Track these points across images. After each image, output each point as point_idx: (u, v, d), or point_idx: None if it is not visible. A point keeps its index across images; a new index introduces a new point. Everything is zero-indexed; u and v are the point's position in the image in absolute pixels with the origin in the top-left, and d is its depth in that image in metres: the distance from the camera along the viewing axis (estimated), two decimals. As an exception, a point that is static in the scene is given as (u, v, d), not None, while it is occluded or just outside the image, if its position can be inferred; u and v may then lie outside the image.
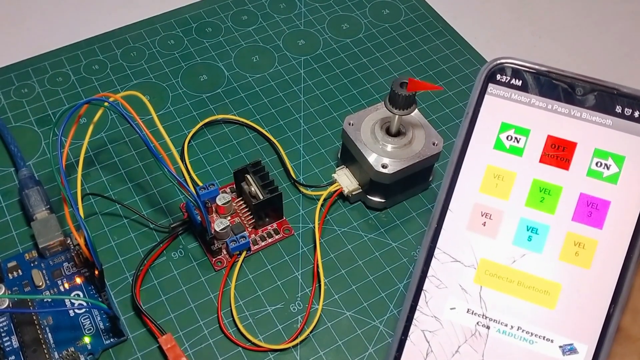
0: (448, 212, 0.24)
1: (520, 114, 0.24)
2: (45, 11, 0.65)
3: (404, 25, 0.65)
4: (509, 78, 0.24)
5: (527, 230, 0.24)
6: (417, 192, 0.52)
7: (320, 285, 0.46)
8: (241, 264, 0.47)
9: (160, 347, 0.42)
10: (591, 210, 0.23)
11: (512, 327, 0.23)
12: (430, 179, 0.52)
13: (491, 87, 0.24)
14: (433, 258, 0.24)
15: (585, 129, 0.24)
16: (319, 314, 0.45)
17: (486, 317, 0.23)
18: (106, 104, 0.42)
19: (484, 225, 0.24)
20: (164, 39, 0.62)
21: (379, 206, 0.50)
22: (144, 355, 0.43)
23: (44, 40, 0.62)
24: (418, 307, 0.24)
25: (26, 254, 0.46)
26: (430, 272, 0.24)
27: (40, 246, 0.45)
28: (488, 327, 0.23)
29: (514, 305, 0.23)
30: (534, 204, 0.24)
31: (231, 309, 0.45)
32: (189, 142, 0.54)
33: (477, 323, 0.23)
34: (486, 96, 0.24)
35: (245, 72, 0.60)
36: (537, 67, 0.24)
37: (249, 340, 0.43)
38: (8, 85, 0.58)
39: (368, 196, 0.50)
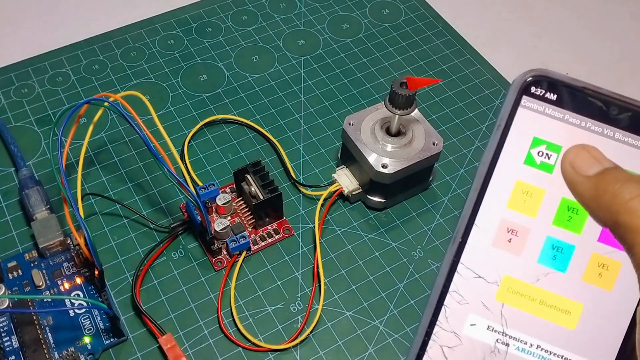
0: (474, 226, 0.24)
1: (553, 129, 0.23)
2: (45, 11, 0.65)
3: (404, 25, 0.65)
4: (543, 91, 0.23)
5: (553, 249, 0.23)
6: (417, 192, 0.52)
7: (320, 285, 0.46)
8: (241, 264, 0.47)
9: (160, 347, 0.42)
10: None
11: (531, 345, 0.23)
12: (430, 179, 0.52)
13: (525, 99, 0.24)
14: (456, 273, 0.23)
15: (618, 149, 0.23)
16: (319, 314, 0.45)
17: (506, 335, 0.23)
18: (106, 104, 0.42)
19: (510, 241, 0.24)
20: (164, 39, 0.62)
21: (379, 206, 0.50)
22: (144, 355, 0.43)
23: (44, 40, 0.62)
24: (438, 322, 0.23)
25: (26, 254, 0.46)
26: (452, 287, 0.23)
27: (40, 246, 0.45)
28: (507, 345, 0.23)
29: (535, 324, 0.23)
30: (561, 222, 0.23)
31: (231, 309, 0.45)
32: (189, 142, 0.54)
33: (497, 340, 0.23)
34: (519, 109, 0.24)
35: (245, 72, 0.60)
36: (573, 82, 0.23)
37: (249, 340, 0.43)
38: (8, 85, 0.58)
39: (368, 196, 0.50)
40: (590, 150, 0.22)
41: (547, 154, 0.24)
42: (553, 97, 0.23)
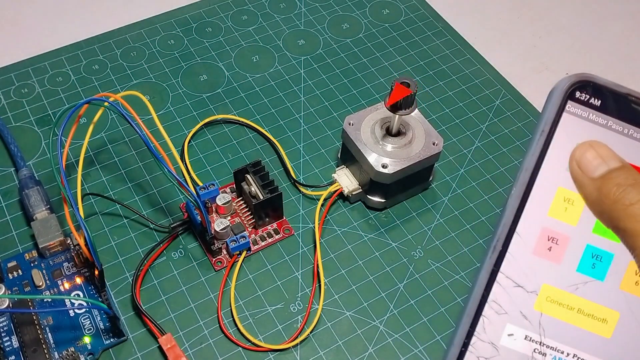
0: (515, 235, 0.23)
1: (596, 136, 0.23)
2: (45, 11, 0.65)
3: (404, 25, 0.65)
4: (589, 97, 0.23)
5: (592, 257, 0.23)
6: (417, 192, 0.52)
7: (320, 285, 0.46)
8: (241, 264, 0.47)
9: (160, 347, 0.42)
10: None
11: (567, 354, 0.23)
12: (430, 179, 0.52)
13: (570, 104, 0.23)
14: (495, 283, 0.23)
15: None
16: (319, 314, 0.45)
17: (543, 345, 0.23)
18: (106, 104, 0.42)
19: (550, 250, 0.23)
20: (164, 39, 0.62)
21: (379, 206, 0.50)
22: (144, 355, 0.43)
23: (44, 40, 0.62)
24: (475, 333, 0.23)
25: (26, 254, 0.46)
26: (490, 297, 0.23)
27: (40, 246, 0.45)
28: (544, 355, 0.23)
29: (572, 333, 0.23)
30: (601, 230, 0.23)
31: (231, 309, 0.45)
32: (189, 142, 0.54)
33: (534, 350, 0.23)
34: (564, 114, 0.23)
35: (245, 72, 0.60)
36: (617, 88, 0.23)
37: (249, 340, 0.43)
38: (8, 85, 0.58)
39: (368, 196, 0.50)
40: (598, 148, 0.22)
41: None
42: (597, 102, 0.23)
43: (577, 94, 0.23)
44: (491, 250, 0.23)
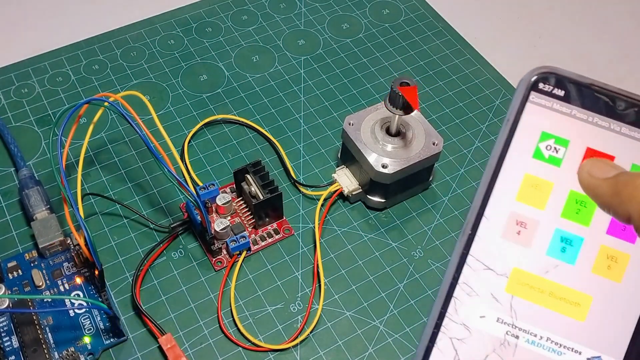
0: (483, 219, 0.24)
1: (561, 124, 0.24)
2: (45, 11, 0.65)
3: (404, 25, 0.65)
4: (552, 87, 0.24)
5: (562, 241, 0.24)
6: (417, 192, 0.52)
7: (320, 285, 0.46)
8: (241, 264, 0.47)
9: (160, 347, 0.42)
10: (625, 225, 0.23)
11: (541, 337, 0.23)
12: (430, 179, 0.52)
13: (533, 95, 0.24)
14: (465, 265, 0.24)
15: (624, 143, 0.24)
16: (319, 314, 0.45)
17: (516, 327, 0.23)
18: (106, 104, 0.42)
19: (519, 234, 0.24)
20: (164, 39, 0.62)
21: (379, 206, 0.50)
22: (144, 355, 0.43)
23: (44, 40, 0.62)
24: (447, 314, 0.23)
25: (26, 254, 0.46)
26: (461, 279, 0.24)
27: (40, 246, 0.45)
28: (517, 337, 0.23)
29: (544, 316, 0.24)
30: (570, 215, 0.24)
31: (231, 309, 0.45)
32: (189, 142, 0.54)
33: (507, 332, 0.23)
34: (528, 104, 0.24)
35: (245, 72, 0.60)
36: (580, 79, 0.24)
37: (249, 340, 0.43)
38: (8, 85, 0.58)
39: (368, 196, 0.50)
40: (605, 160, 0.23)
41: (555, 148, 0.24)
42: (561, 93, 0.24)
43: (540, 85, 0.24)
44: (461, 233, 0.24)
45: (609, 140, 0.24)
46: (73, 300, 0.44)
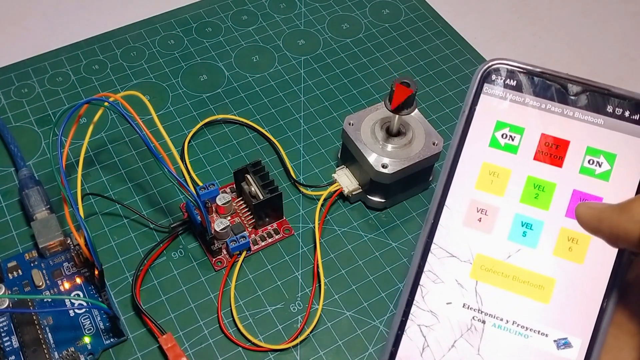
0: (444, 208, 0.25)
1: (515, 113, 0.25)
2: (45, 11, 0.65)
3: (404, 25, 0.65)
4: (503, 78, 0.25)
5: (522, 225, 0.24)
6: (417, 192, 0.52)
7: (320, 285, 0.46)
8: (241, 264, 0.47)
9: (160, 347, 0.42)
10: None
11: (507, 321, 0.24)
12: (430, 179, 0.52)
13: (487, 86, 0.25)
14: (430, 253, 0.25)
15: (577, 127, 0.24)
16: (319, 314, 0.45)
17: (482, 312, 0.24)
18: (106, 104, 0.42)
19: (480, 221, 0.25)
20: (164, 39, 0.62)
21: (379, 206, 0.50)
22: (144, 355, 0.43)
23: (44, 40, 0.62)
24: (414, 302, 0.24)
25: (26, 254, 0.46)
26: (426, 267, 0.24)
27: (40, 246, 0.45)
28: (484, 322, 0.24)
29: (509, 300, 0.24)
30: (529, 200, 0.25)
31: (231, 309, 0.45)
32: (189, 142, 0.54)
33: (473, 318, 0.24)
34: (482, 95, 0.25)
35: (245, 72, 0.60)
36: (530, 68, 0.25)
37: (249, 340, 0.43)
38: (8, 85, 0.58)
39: (368, 196, 0.50)
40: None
41: (510, 136, 0.25)
42: (513, 83, 0.25)
43: (493, 76, 0.25)
44: (424, 223, 0.25)
45: (563, 126, 0.24)
46: (73, 300, 0.44)
